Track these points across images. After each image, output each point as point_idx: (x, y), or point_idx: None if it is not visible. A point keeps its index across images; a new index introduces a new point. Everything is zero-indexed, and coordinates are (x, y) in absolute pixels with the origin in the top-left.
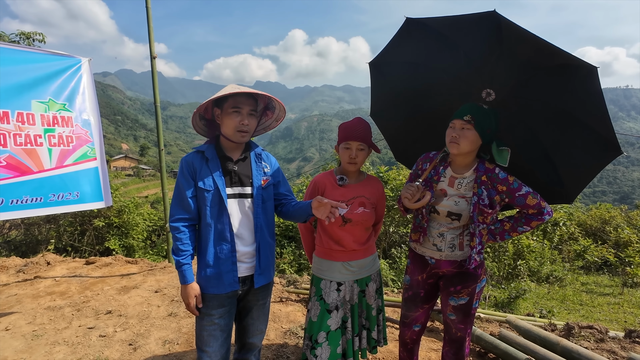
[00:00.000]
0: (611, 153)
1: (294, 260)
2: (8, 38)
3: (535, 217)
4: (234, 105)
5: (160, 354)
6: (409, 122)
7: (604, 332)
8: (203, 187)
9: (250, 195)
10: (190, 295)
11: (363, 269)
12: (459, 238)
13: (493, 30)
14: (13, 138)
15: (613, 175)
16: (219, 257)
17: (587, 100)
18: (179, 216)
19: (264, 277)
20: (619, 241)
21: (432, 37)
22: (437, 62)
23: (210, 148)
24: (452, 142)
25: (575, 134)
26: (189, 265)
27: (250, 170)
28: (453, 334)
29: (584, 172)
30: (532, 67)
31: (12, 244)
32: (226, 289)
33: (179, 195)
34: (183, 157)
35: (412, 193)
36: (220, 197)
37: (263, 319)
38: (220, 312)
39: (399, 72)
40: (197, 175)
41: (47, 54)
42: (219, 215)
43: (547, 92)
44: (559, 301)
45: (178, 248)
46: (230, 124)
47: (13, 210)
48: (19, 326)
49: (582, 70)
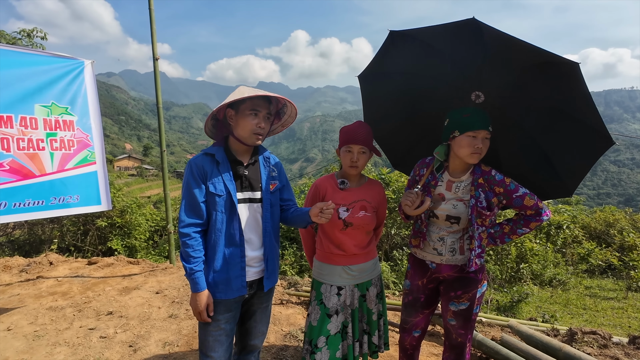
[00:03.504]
0: (603, 144)
1: (295, 261)
2: (9, 36)
3: (533, 218)
4: (252, 108)
5: (160, 355)
6: (402, 129)
7: (608, 338)
8: (214, 192)
9: (260, 200)
10: (202, 303)
11: (364, 273)
12: (459, 242)
13: (475, 36)
14: (16, 142)
15: (618, 178)
16: (229, 262)
17: (573, 95)
18: (190, 221)
19: (271, 281)
20: (624, 244)
21: (417, 47)
22: (424, 70)
23: (220, 151)
24: (475, 152)
25: (567, 128)
26: (201, 272)
27: (259, 175)
28: (453, 340)
29: (580, 165)
30: (516, 67)
31: (16, 243)
32: (234, 294)
33: (190, 199)
34: (191, 159)
35: (412, 200)
36: (232, 202)
37: (265, 321)
38: (227, 317)
39: (388, 82)
40: (207, 179)
41: (50, 56)
42: (230, 220)
43: (533, 90)
44: (562, 305)
45: (189, 255)
46: (247, 126)
47: (16, 213)
48: (20, 326)
49: (565, 67)
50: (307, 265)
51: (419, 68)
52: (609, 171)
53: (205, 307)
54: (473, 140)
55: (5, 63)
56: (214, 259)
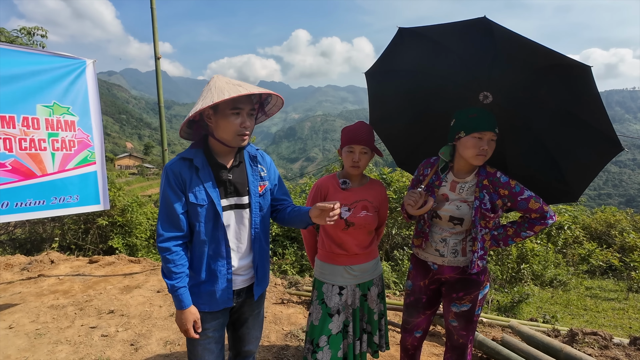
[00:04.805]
0: (612, 149)
1: (295, 261)
2: (9, 34)
3: (538, 221)
4: (234, 107)
5: (161, 354)
6: (408, 128)
7: (608, 339)
8: (195, 202)
9: (248, 205)
10: (189, 321)
11: (365, 273)
12: (461, 243)
13: (485, 35)
14: (18, 143)
15: (619, 178)
16: (214, 275)
17: (583, 98)
18: (169, 235)
19: (261, 287)
20: (625, 245)
21: (426, 45)
22: (432, 69)
23: (199, 154)
24: (480, 154)
25: (575, 132)
26: (185, 288)
27: (246, 177)
28: (455, 341)
29: (587, 170)
30: (527, 68)
31: (17, 241)
32: (219, 306)
33: (167, 211)
34: (167, 164)
35: (415, 200)
36: (216, 212)
37: (258, 327)
38: (214, 325)
39: (396, 80)
40: (187, 188)
41: (52, 56)
42: (214, 230)
43: (543, 92)
44: (563, 306)
45: (171, 271)
46: (229, 127)
47: (17, 212)
48: (22, 324)
49: (576, 70)
50: (308, 264)
51: (428, 66)
52: (610, 172)
53: (192, 324)
54: (478, 141)
55: (7, 63)
56: (199, 270)
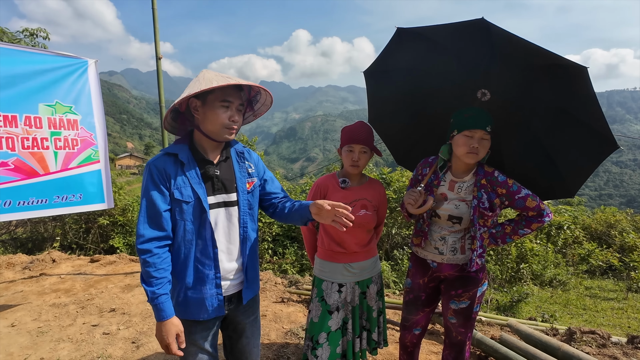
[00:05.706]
0: (608, 147)
1: (296, 260)
2: (12, 35)
3: (535, 219)
4: (223, 99)
5: (162, 352)
6: (406, 126)
7: (606, 338)
8: (181, 199)
9: (236, 202)
10: (170, 334)
11: (364, 270)
12: (460, 241)
13: (483, 36)
14: (21, 142)
15: (619, 179)
16: (201, 279)
17: (579, 98)
18: (151, 236)
19: (251, 291)
20: (624, 245)
21: (425, 44)
22: (431, 68)
23: (184, 149)
24: (471, 152)
25: (571, 130)
26: (166, 295)
27: (233, 173)
28: (453, 338)
29: (583, 168)
30: (524, 68)
31: (19, 240)
32: (209, 315)
33: (149, 209)
34: (150, 160)
35: (414, 199)
36: (202, 209)
37: (257, 334)
38: (205, 335)
39: (394, 79)
40: (171, 184)
41: (54, 56)
42: (200, 229)
43: (540, 91)
44: (562, 305)
45: (151, 275)
46: (217, 120)
47: (20, 211)
48: (24, 322)
49: (573, 70)
50: (308, 264)
51: (426, 66)
52: (611, 172)
53: (174, 337)
54: (469, 139)
55: (10, 62)
56: (184, 274)
